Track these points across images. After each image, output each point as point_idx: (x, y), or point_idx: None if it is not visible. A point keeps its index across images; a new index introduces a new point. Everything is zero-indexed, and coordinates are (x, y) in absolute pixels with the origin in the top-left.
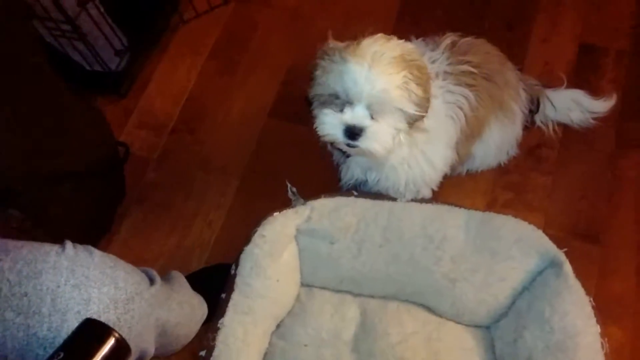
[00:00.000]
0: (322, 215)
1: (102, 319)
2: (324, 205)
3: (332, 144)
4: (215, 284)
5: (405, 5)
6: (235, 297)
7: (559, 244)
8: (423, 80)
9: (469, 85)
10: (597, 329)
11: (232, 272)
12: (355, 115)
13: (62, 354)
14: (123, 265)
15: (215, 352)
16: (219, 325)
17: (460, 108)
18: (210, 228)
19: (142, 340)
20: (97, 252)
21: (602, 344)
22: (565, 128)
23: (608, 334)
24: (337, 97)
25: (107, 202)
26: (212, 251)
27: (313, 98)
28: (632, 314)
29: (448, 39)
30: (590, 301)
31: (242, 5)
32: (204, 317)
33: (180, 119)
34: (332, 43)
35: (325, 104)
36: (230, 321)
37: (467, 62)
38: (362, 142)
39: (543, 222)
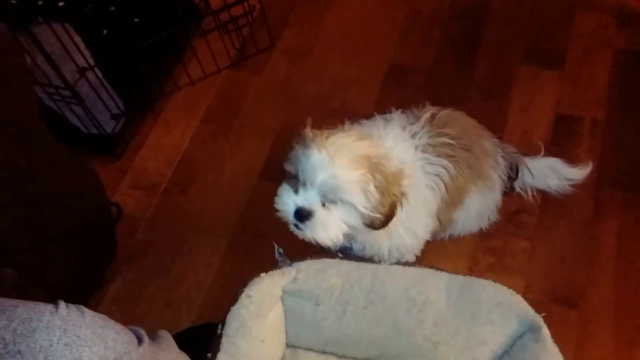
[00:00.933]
0: (308, 276)
1: None
2: (310, 266)
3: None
4: (201, 343)
5: (390, 75)
6: (221, 357)
7: (539, 308)
8: (383, 186)
9: (448, 156)
10: None
11: (219, 331)
12: (307, 198)
13: None
14: (113, 325)
15: None
16: None
17: (441, 178)
18: (198, 288)
19: None
20: (88, 312)
21: None
22: (543, 194)
23: None
24: (297, 178)
25: (99, 261)
26: (199, 310)
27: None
28: None
29: (428, 112)
30: None
31: (234, 73)
32: None
33: (173, 179)
34: (307, 130)
35: (289, 181)
36: None
37: (446, 135)
38: (308, 229)
39: (523, 286)
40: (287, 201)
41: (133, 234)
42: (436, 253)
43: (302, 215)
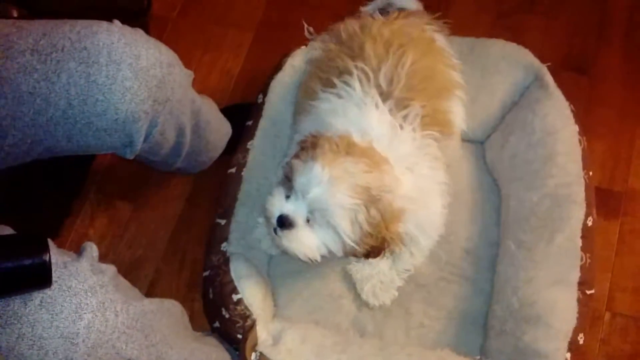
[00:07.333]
0: None
1: (150, 74)
2: None
3: None
4: (235, 121)
5: None
6: (262, 122)
7: (551, 73)
8: (376, 222)
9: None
10: (576, 128)
11: (259, 100)
12: (293, 208)
13: None
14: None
15: (246, 168)
16: (248, 146)
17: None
18: (227, 75)
19: (181, 112)
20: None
21: (579, 140)
22: None
23: (592, 149)
24: (291, 184)
25: None
26: (230, 98)
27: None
28: (615, 133)
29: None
30: (569, 105)
31: None
32: (229, 135)
33: None
34: (323, 139)
35: (284, 184)
36: (260, 143)
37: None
38: (285, 239)
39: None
40: (276, 203)
41: (162, 33)
42: None
43: (283, 222)
